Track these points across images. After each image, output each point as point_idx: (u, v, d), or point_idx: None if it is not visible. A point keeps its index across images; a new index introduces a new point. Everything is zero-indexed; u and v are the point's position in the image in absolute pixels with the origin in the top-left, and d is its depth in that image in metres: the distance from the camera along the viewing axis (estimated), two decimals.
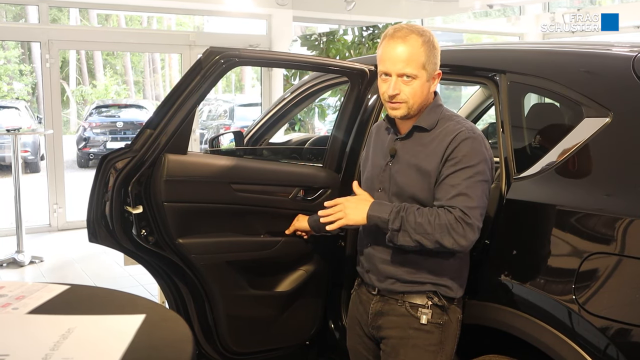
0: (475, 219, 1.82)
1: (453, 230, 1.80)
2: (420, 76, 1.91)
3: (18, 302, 1.09)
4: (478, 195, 1.84)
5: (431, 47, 1.90)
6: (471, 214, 1.81)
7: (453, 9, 9.89)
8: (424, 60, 1.89)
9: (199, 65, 2.30)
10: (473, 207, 1.82)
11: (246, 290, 2.54)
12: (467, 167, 1.85)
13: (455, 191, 1.83)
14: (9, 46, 19.22)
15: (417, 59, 1.89)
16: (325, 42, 8.40)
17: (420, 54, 1.89)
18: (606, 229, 1.81)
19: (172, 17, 18.93)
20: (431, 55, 1.91)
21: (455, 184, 1.84)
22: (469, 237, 1.81)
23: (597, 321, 1.75)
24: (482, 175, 1.87)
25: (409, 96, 1.92)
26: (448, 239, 1.81)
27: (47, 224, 7.23)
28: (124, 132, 13.51)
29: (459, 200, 1.82)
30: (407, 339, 1.99)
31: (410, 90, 1.91)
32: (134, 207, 2.28)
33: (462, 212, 1.81)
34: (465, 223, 1.80)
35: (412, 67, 1.89)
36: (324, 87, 3.23)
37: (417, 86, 1.91)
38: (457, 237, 1.80)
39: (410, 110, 1.94)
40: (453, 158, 1.87)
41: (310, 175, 2.68)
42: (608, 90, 1.99)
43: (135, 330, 0.97)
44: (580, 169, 1.98)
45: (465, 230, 1.80)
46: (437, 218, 1.81)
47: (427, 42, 1.90)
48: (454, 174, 1.85)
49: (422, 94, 1.93)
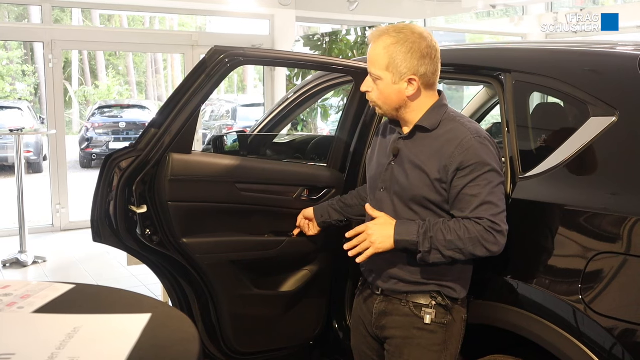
0: (503, 223, 1.83)
1: (485, 240, 1.81)
2: (384, 78, 1.91)
3: (23, 301, 1.08)
4: (500, 200, 1.86)
5: (404, 50, 1.87)
6: (498, 220, 1.82)
7: (456, 9, 9.88)
8: (386, 62, 1.89)
9: (203, 64, 2.29)
10: (499, 213, 1.83)
11: (250, 290, 2.53)
12: (482, 174, 1.84)
13: (478, 201, 1.83)
14: (12, 47, 19.25)
15: (379, 60, 1.90)
16: (328, 42, 8.41)
17: (383, 56, 1.89)
18: (613, 228, 1.81)
19: (174, 18, 18.96)
20: (400, 58, 1.87)
21: (476, 194, 1.83)
22: (500, 243, 1.83)
23: (604, 321, 1.75)
24: (498, 178, 1.87)
25: (374, 97, 1.97)
26: (480, 249, 1.82)
27: (50, 224, 7.24)
28: (126, 133, 13.51)
29: (484, 209, 1.82)
30: (411, 338, 1.99)
31: (376, 91, 1.95)
32: (138, 206, 2.28)
33: (490, 221, 1.81)
34: (496, 231, 1.81)
35: (375, 68, 1.92)
36: (327, 87, 3.23)
37: (382, 87, 1.93)
38: (489, 245, 1.81)
39: (382, 110, 1.99)
40: (465, 167, 1.85)
41: (315, 174, 2.68)
42: (614, 90, 1.98)
43: (142, 330, 0.97)
44: (587, 169, 1.97)
45: (496, 237, 1.81)
46: (466, 232, 1.81)
47: (398, 43, 1.87)
48: (471, 183, 1.84)
49: (388, 96, 1.94)
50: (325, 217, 2.43)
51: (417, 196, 1.93)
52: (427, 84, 1.93)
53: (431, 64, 1.90)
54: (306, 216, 2.49)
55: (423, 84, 1.92)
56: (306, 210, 2.49)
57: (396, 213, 1.97)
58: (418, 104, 1.95)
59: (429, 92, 1.96)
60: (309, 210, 2.48)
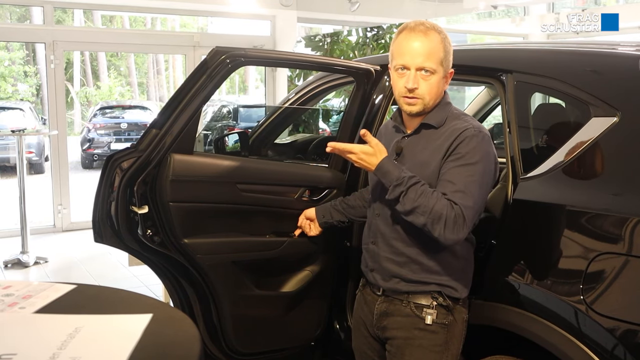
0: (469, 219, 1.80)
1: (447, 220, 1.77)
2: (438, 72, 1.90)
3: (25, 301, 1.09)
4: (475, 195, 1.82)
5: (447, 45, 1.92)
6: (467, 213, 1.79)
7: (457, 10, 9.88)
8: (442, 56, 1.90)
9: (204, 65, 2.29)
10: (469, 206, 1.80)
11: (251, 291, 2.53)
12: (468, 164, 1.83)
13: (453, 187, 1.81)
14: (14, 48, 19.27)
15: (436, 54, 1.89)
16: (330, 43, 8.41)
17: (440, 50, 1.90)
18: (614, 228, 1.80)
19: (175, 19, 18.97)
20: (447, 52, 1.92)
21: (454, 180, 1.82)
22: (458, 235, 1.80)
23: (605, 321, 1.74)
24: (483, 175, 1.84)
25: (425, 92, 1.91)
26: (439, 227, 1.78)
27: (51, 225, 7.24)
28: (128, 133, 13.52)
29: (457, 196, 1.80)
30: (412, 339, 1.99)
31: (427, 86, 1.90)
32: (139, 207, 2.28)
33: (461, 210, 1.78)
34: (461, 221, 1.78)
35: (432, 62, 1.89)
36: (328, 88, 3.23)
37: (434, 82, 1.91)
38: (447, 229, 1.78)
39: (426, 106, 1.94)
40: (456, 154, 1.85)
41: (316, 175, 2.67)
42: (616, 90, 1.98)
43: (143, 330, 0.97)
44: (588, 169, 1.97)
45: (458, 227, 1.78)
46: (438, 202, 1.78)
47: (444, 39, 1.92)
48: (453, 169, 1.84)
49: (437, 90, 1.93)
50: (327, 218, 2.42)
51: None
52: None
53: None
54: (307, 216, 2.48)
55: None
56: (307, 211, 2.49)
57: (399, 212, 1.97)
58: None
59: None
60: (311, 210, 2.47)
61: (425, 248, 1.93)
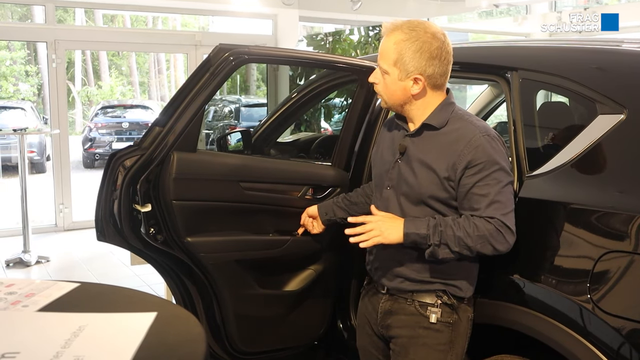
0: (511, 223, 1.83)
1: (494, 239, 1.81)
2: (391, 73, 1.90)
3: (28, 299, 1.07)
4: (509, 199, 1.86)
5: (414, 48, 1.85)
6: (507, 220, 1.82)
7: (459, 9, 9.87)
8: (395, 57, 1.87)
9: (207, 62, 2.28)
10: (507, 212, 1.83)
11: (255, 290, 2.52)
12: (491, 172, 1.83)
13: (487, 200, 1.83)
14: (15, 47, 19.29)
15: (388, 55, 1.89)
16: (332, 42, 8.39)
17: (393, 51, 1.88)
18: (621, 227, 1.79)
19: (177, 18, 18.96)
20: (409, 55, 1.86)
21: (485, 193, 1.83)
22: (509, 242, 1.83)
23: (612, 320, 1.73)
24: (507, 177, 1.86)
25: (380, 90, 1.97)
26: (488, 247, 1.82)
27: (53, 224, 7.24)
28: (129, 133, 13.54)
29: (494, 209, 1.82)
30: (417, 338, 1.98)
31: (382, 85, 1.96)
32: (142, 205, 2.27)
33: (500, 221, 1.81)
34: (505, 231, 1.82)
35: (383, 62, 1.92)
36: (330, 87, 3.22)
37: (388, 82, 1.93)
38: (497, 244, 1.82)
39: (388, 104, 1.99)
40: (474, 166, 1.84)
41: (319, 173, 2.66)
42: (622, 87, 1.97)
43: (147, 328, 0.96)
44: (594, 167, 1.96)
45: (505, 237, 1.82)
46: (475, 229, 1.81)
47: (409, 40, 1.85)
48: (480, 182, 1.84)
49: (394, 91, 1.93)
50: (329, 215, 2.41)
51: (425, 195, 1.92)
52: (434, 84, 1.91)
53: (440, 66, 1.88)
54: (310, 214, 2.47)
55: (429, 84, 1.90)
56: (310, 208, 2.48)
57: (402, 211, 1.96)
58: (423, 102, 1.94)
59: (435, 92, 1.94)
60: (313, 208, 2.46)
61: None
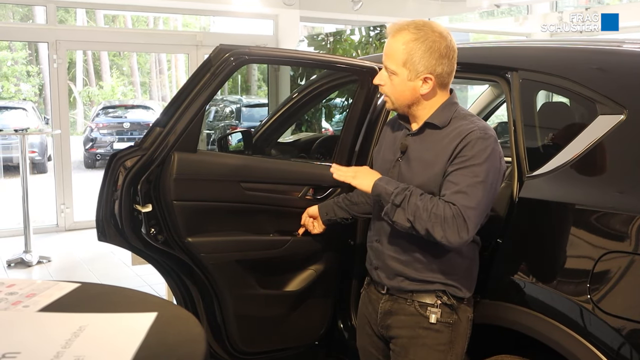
0: (470, 220, 1.77)
1: (447, 224, 1.76)
2: (400, 74, 1.89)
3: (28, 299, 1.08)
4: (478, 197, 1.79)
5: (423, 48, 1.85)
6: (468, 213, 1.77)
7: (461, 9, 9.87)
8: (404, 58, 1.87)
9: (208, 63, 2.29)
10: (472, 207, 1.78)
11: (255, 290, 2.52)
12: (472, 165, 1.81)
13: (455, 188, 1.80)
14: (17, 48, 19.29)
15: (397, 56, 1.88)
16: (332, 42, 8.38)
17: (401, 52, 1.87)
18: (621, 227, 1.79)
19: (178, 18, 18.96)
20: (418, 55, 1.86)
21: (456, 182, 1.81)
22: (461, 236, 1.77)
23: (612, 320, 1.73)
24: (487, 176, 1.81)
25: (388, 91, 1.95)
26: (439, 230, 1.77)
27: (54, 224, 7.25)
28: (130, 133, 13.55)
29: (459, 197, 1.78)
30: (417, 338, 1.98)
31: (390, 86, 1.94)
32: (143, 205, 2.27)
33: (459, 210, 1.76)
34: (461, 222, 1.76)
35: (391, 63, 1.90)
36: (331, 87, 3.22)
37: (396, 83, 1.91)
38: (448, 231, 1.76)
39: (395, 105, 1.98)
40: (461, 156, 1.83)
41: (320, 173, 2.66)
42: (623, 87, 1.97)
43: (148, 328, 0.96)
44: (595, 167, 1.96)
45: (459, 228, 1.76)
46: (435, 207, 1.78)
47: (418, 40, 1.85)
48: (458, 171, 1.82)
49: (402, 92, 1.92)
50: (330, 215, 2.41)
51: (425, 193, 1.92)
52: (441, 83, 1.92)
53: (448, 65, 1.88)
54: (310, 214, 2.47)
55: (438, 83, 1.91)
56: (310, 209, 2.48)
57: None
58: (430, 102, 1.94)
59: (442, 91, 1.95)
60: (314, 208, 2.46)
61: (429, 247, 1.92)
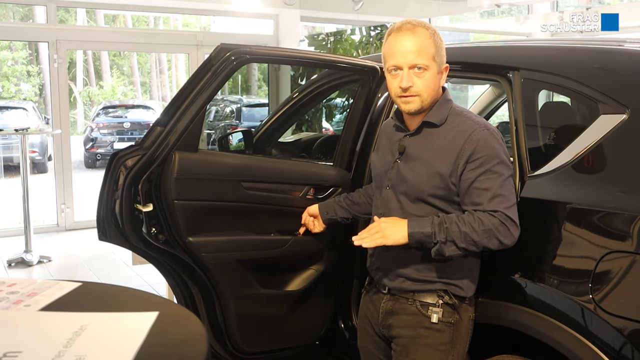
0: (515, 216, 1.84)
1: (499, 233, 1.81)
2: (431, 67, 1.90)
3: (30, 299, 1.07)
4: (511, 192, 1.86)
5: (438, 40, 1.92)
6: (511, 213, 1.82)
7: (461, 8, 9.87)
8: (433, 51, 1.89)
9: (209, 62, 2.29)
10: (510, 205, 1.84)
11: (256, 289, 2.52)
12: (493, 166, 1.84)
13: (490, 194, 1.83)
14: (17, 47, 19.30)
15: (427, 50, 1.89)
16: (333, 42, 8.38)
17: (430, 45, 1.89)
18: (623, 227, 1.79)
19: (178, 18, 18.96)
20: (439, 47, 1.91)
21: (488, 187, 1.83)
22: (513, 236, 1.83)
23: (614, 320, 1.73)
24: (507, 170, 1.87)
25: (421, 88, 1.90)
26: (494, 241, 1.82)
27: (55, 224, 7.25)
28: (131, 133, 13.56)
29: (497, 202, 1.82)
30: (418, 338, 1.98)
31: (422, 83, 1.90)
32: (144, 205, 2.27)
33: (504, 214, 1.81)
34: (510, 224, 1.82)
35: (423, 58, 1.89)
36: (332, 87, 3.22)
37: (428, 78, 1.90)
38: (503, 238, 1.81)
39: (424, 103, 1.93)
40: (475, 160, 1.85)
41: (321, 173, 2.66)
42: (624, 87, 1.96)
43: (149, 328, 0.96)
44: (597, 167, 1.95)
45: (510, 230, 1.82)
46: (480, 224, 1.81)
47: (433, 35, 1.91)
48: (482, 176, 1.84)
49: (433, 86, 1.92)
50: (330, 214, 2.41)
51: (425, 192, 1.92)
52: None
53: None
54: (311, 213, 2.47)
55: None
56: (311, 207, 2.48)
57: (403, 210, 1.96)
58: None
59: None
60: (314, 207, 2.46)
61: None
